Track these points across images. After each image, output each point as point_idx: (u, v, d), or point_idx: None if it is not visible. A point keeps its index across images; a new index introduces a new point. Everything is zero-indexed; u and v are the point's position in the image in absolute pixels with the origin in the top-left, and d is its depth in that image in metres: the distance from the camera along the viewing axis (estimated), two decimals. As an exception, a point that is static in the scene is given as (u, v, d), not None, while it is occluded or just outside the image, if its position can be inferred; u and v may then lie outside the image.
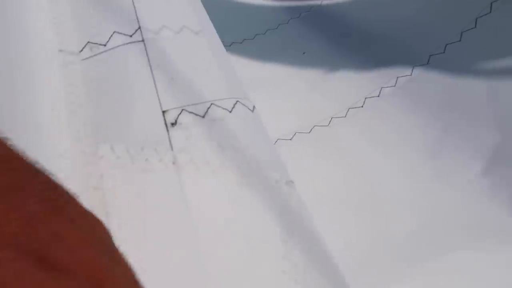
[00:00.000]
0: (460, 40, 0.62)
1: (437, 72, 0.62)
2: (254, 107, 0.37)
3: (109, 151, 0.31)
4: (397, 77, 0.64)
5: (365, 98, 0.65)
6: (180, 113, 0.32)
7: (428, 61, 0.64)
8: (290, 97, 0.70)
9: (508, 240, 0.45)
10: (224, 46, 0.82)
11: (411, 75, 0.64)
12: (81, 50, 0.35)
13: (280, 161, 0.35)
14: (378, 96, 0.64)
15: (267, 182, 0.32)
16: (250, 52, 0.79)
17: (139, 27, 0.36)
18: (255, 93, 0.72)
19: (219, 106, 0.34)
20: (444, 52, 0.63)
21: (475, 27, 0.62)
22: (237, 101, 0.35)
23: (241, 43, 0.81)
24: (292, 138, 0.63)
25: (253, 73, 0.75)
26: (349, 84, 0.68)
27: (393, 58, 0.67)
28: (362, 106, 0.64)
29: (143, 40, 0.35)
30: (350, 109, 0.65)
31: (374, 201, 0.53)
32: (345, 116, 0.64)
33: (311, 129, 0.64)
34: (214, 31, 0.41)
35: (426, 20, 0.68)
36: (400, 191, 0.53)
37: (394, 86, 0.64)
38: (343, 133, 0.62)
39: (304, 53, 0.76)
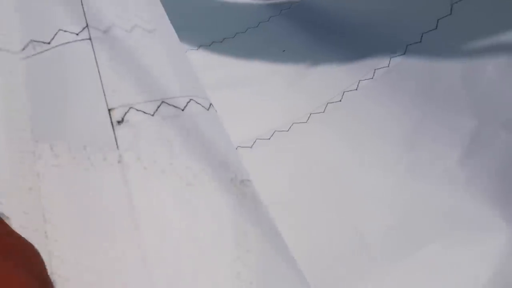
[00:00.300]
0: (436, 28, 0.61)
1: (415, 61, 0.61)
2: (210, 105, 0.36)
3: (48, 150, 0.30)
4: (375, 69, 0.63)
5: (343, 92, 0.64)
6: (127, 111, 0.31)
7: (405, 51, 0.62)
8: (270, 95, 0.70)
9: (483, 230, 0.44)
10: (204, 45, 0.82)
11: (388, 66, 0.62)
12: (24, 49, 0.34)
13: (236, 160, 0.34)
14: (356, 89, 0.63)
15: (220, 182, 0.31)
16: (231, 50, 0.79)
17: (87, 25, 0.35)
18: (235, 92, 0.71)
19: (170, 105, 0.33)
20: (420, 41, 0.62)
21: (451, 13, 0.61)
22: (190, 99, 0.34)
23: (221, 42, 0.81)
24: (270, 137, 0.63)
25: (233, 71, 0.75)
26: (328, 79, 0.67)
27: (370, 50, 0.66)
28: (340, 100, 0.63)
29: (90, 38, 0.34)
30: (328, 104, 0.64)
31: (351, 199, 0.52)
32: (324, 112, 0.63)
33: (289, 127, 0.63)
34: (171, 29, 0.40)
35: (402, 10, 0.67)
36: (376, 188, 0.52)
37: (372, 78, 0.63)
38: (321, 129, 0.61)
39: (284, 50, 0.76)
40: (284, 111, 0.66)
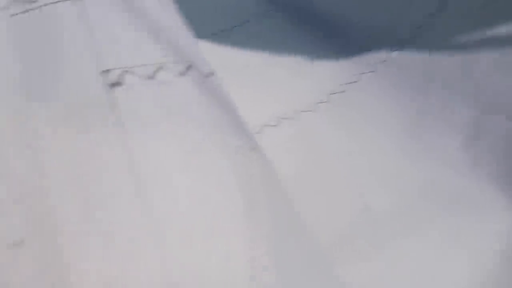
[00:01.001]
0: (432, 22, 0.65)
1: (412, 55, 0.64)
2: (212, 72, 0.36)
3: (42, 110, 0.28)
4: (376, 62, 0.66)
5: (345, 84, 0.66)
6: (123, 73, 0.31)
7: (403, 45, 0.66)
8: (274, 84, 0.71)
9: (488, 210, 0.47)
10: (207, 37, 0.82)
11: (387, 60, 0.65)
12: (9, 6, 0.33)
13: (243, 128, 0.34)
14: (357, 82, 0.66)
15: (226, 149, 0.30)
16: (236, 41, 0.80)
17: None
18: (238, 81, 0.73)
19: (168, 69, 0.32)
20: (417, 35, 0.65)
21: (446, 7, 0.64)
22: (190, 65, 0.34)
23: (223, 31, 0.81)
24: (277, 125, 0.65)
25: (237, 62, 0.76)
26: (331, 71, 0.70)
27: (371, 44, 0.69)
28: (344, 92, 0.66)
29: None
30: (332, 95, 0.66)
31: (357, 181, 0.55)
32: (328, 102, 0.66)
33: (295, 115, 0.65)
34: None
35: (398, 4, 0.70)
36: (379, 172, 0.55)
37: (374, 71, 0.66)
38: (327, 118, 0.64)
39: (285, 42, 0.78)
40: (289, 100, 0.68)
